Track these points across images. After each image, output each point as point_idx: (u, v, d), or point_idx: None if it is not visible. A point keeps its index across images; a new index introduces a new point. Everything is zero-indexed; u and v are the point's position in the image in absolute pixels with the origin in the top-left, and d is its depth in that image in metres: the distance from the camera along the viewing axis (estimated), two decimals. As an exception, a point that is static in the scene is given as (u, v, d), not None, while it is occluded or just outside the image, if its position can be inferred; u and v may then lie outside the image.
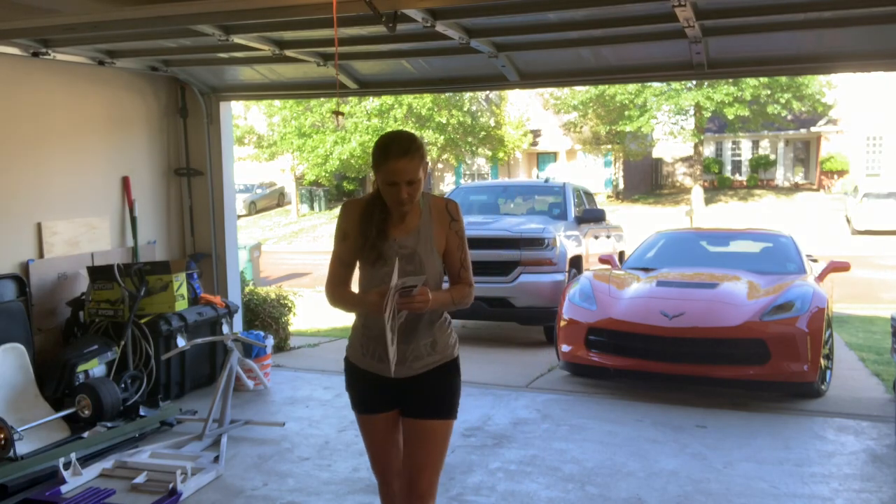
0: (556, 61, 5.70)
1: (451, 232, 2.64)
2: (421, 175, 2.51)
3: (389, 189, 2.49)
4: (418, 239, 2.59)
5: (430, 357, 2.63)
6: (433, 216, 2.63)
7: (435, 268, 2.61)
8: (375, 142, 2.54)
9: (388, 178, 2.47)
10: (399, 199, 2.49)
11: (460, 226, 2.67)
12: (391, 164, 2.45)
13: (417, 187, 2.51)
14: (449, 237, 2.64)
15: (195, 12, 4.16)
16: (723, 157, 33.72)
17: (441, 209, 2.65)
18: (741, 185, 32.72)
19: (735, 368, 5.67)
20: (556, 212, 9.49)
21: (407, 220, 2.60)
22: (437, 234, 2.61)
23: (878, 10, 4.35)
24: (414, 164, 2.47)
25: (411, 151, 2.47)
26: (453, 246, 2.65)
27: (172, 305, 5.61)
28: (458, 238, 2.65)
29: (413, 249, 2.57)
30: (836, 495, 3.98)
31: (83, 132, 5.86)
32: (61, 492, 3.99)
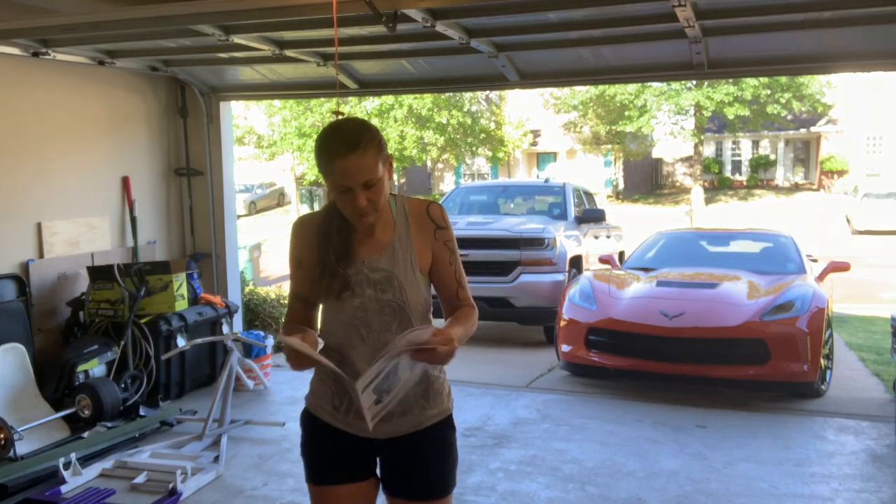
0: (556, 61, 5.70)
1: (438, 243, 2.04)
2: (382, 173, 1.91)
3: (343, 197, 1.90)
4: (394, 257, 1.99)
5: (421, 412, 2.03)
6: (412, 225, 2.03)
7: (419, 293, 2.01)
8: (317, 136, 1.93)
9: (337, 184, 1.88)
10: (357, 209, 1.90)
11: (449, 234, 2.06)
12: (338, 165, 1.85)
13: (379, 189, 1.90)
14: (436, 250, 2.04)
15: (195, 12, 4.16)
16: (723, 157, 33.72)
17: (421, 215, 2.05)
18: (741, 185, 32.72)
19: (735, 368, 5.67)
20: (556, 212, 9.49)
21: (377, 233, 2.01)
22: (419, 247, 2.02)
23: (878, 10, 4.35)
24: (368, 158, 1.86)
25: (363, 143, 1.86)
26: (443, 260, 2.05)
27: (172, 305, 5.61)
28: (447, 250, 2.05)
29: (388, 272, 1.98)
30: (836, 495, 3.98)
31: (83, 132, 5.86)
32: (61, 492, 3.99)
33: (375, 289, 1.98)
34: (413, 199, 2.11)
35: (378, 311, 1.98)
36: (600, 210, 10.17)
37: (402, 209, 2.06)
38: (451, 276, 2.08)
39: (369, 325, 1.98)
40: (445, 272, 2.07)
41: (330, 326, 2.04)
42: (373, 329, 1.98)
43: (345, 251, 2.00)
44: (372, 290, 1.98)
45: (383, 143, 1.94)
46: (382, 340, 1.94)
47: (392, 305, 1.98)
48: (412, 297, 2.00)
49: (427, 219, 2.06)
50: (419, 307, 2.02)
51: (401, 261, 2.00)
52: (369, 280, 1.99)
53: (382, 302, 1.98)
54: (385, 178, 1.94)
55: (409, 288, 1.99)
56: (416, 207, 2.08)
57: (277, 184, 34.42)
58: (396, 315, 1.99)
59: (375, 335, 1.98)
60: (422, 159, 29.12)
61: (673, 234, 8.45)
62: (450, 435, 2.11)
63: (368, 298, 1.98)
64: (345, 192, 1.89)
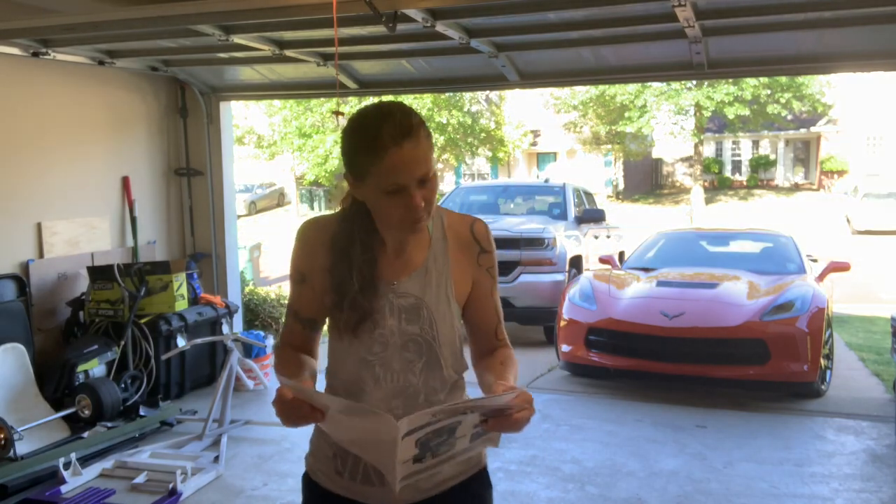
0: (556, 61, 5.70)
1: (481, 270, 1.68)
2: (433, 169, 1.54)
3: (391, 200, 1.51)
4: (426, 282, 1.62)
5: (450, 467, 1.60)
6: (451, 244, 1.66)
7: (452, 327, 1.64)
8: (348, 126, 1.55)
9: (388, 182, 1.48)
10: (413, 212, 1.51)
11: (493, 259, 1.71)
12: (391, 157, 1.46)
13: (434, 187, 1.54)
14: (477, 277, 1.68)
15: (195, 12, 4.16)
16: (723, 157, 33.72)
17: (463, 233, 1.68)
18: (741, 185, 32.71)
19: (735, 368, 5.67)
20: (556, 212, 9.49)
21: (408, 249, 1.63)
22: (458, 272, 1.65)
23: (878, 10, 4.35)
24: (423, 147, 1.50)
25: (416, 128, 1.50)
26: (484, 291, 1.69)
27: (172, 305, 5.61)
28: (490, 279, 1.70)
29: (418, 299, 1.61)
30: (836, 495, 3.98)
31: (83, 132, 5.86)
32: (61, 492, 3.99)
33: (400, 318, 1.60)
34: (453, 214, 1.72)
35: (401, 346, 1.60)
36: (600, 210, 10.18)
37: (440, 223, 1.68)
38: (492, 309, 1.71)
39: (387, 364, 1.60)
40: (485, 305, 1.70)
41: (337, 363, 1.65)
42: (391, 369, 1.60)
43: (371, 278, 1.60)
44: (395, 319, 1.60)
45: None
46: (402, 383, 1.59)
47: (418, 340, 1.60)
48: (444, 332, 1.62)
49: (471, 239, 1.68)
50: (451, 344, 1.64)
51: (434, 286, 1.62)
52: (393, 307, 1.60)
53: (407, 335, 1.60)
54: (437, 179, 1.59)
55: (440, 320, 1.62)
56: (457, 223, 1.69)
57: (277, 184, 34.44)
58: (423, 352, 1.61)
59: (394, 376, 1.60)
60: (422, 159, 29.12)
61: (673, 234, 8.45)
62: (486, 494, 1.74)
63: (390, 330, 1.60)
64: (395, 192, 1.49)
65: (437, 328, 1.62)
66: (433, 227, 1.67)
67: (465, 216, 1.73)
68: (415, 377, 1.61)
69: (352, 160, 1.55)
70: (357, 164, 1.53)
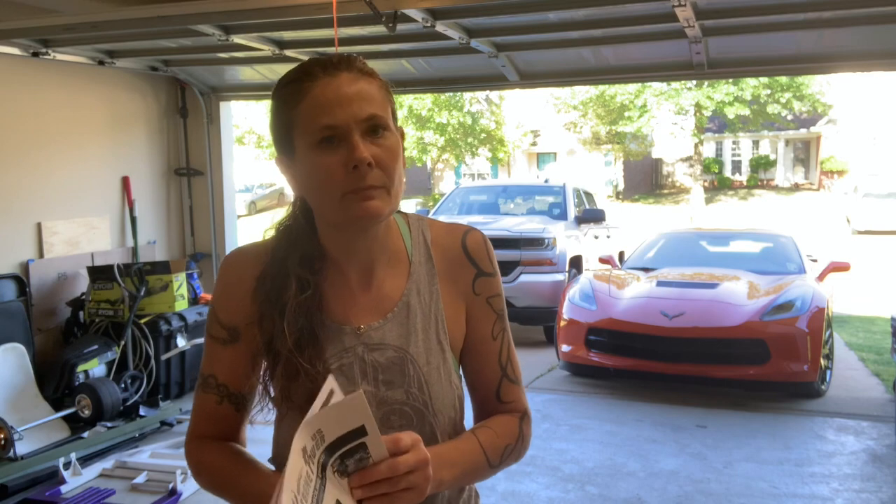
0: (556, 61, 5.71)
1: (478, 300, 1.23)
2: (393, 127, 1.13)
3: (326, 159, 1.08)
4: (408, 324, 1.18)
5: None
6: (438, 266, 1.22)
7: (450, 386, 1.20)
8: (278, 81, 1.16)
9: (319, 122, 1.08)
10: (357, 175, 1.07)
11: (496, 284, 1.25)
12: (323, 86, 1.09)
13: (392, 149, 1.11)
14: (472, 312, 1.23)
15: (195, 12, 4.16)
16: (723, 157, 33.72)
17: (452, 250, 1.23)
18: (741, 185, 32.71)
19: (735, 368, 5.67)
20: (556, 212, 9.49)
21: (379, 279, 1.19)
22: (451, 306, 1.21)
23: (878, 10, 4.35)
24: (371, 86, 1.11)
25: (359, 65, 1.13)
26: (481, 332, 1.23)
27: (172, 305, 5.61)
28: (490, 313, 1.24)
29: (399, 350, 1.17)
30: (836, 495, 3.97)
31: (83, 132, 5.85)
32: (61, 492, 3.98)
33: (377, 381, 1.15)
34: (438, 224, 1.26)
35: (380, 419, 1.11)
36: (600, 210, 10.18)
37: (422, 240, 1.23)
38: (494, 356, 1.23)
39: None
40: (484, 352, 1.23)
41: (286, 449, 0.98)
42: None
43: (310, 326, 1.13)
44: (370, 383, 1.15)
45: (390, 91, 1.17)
46: None
47: (404, 410, 1.16)
48: (439, 395, 1.17)
49: (462, 256, 1.22)
50: (450, 410, 1.20)
51: (420, 330, 1.17)
52: (365, 365, 1.15)
53: (388, 405, 1.15)
54: (399, 147, 1.13)
55: (433, 378, 1.17)
56: (443, 236, 1.24)
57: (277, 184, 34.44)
58: (413, 426, 1.14)
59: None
60: (422, 160, 29.14)
61: (673, 234, 8.45)
62: None
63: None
64: (329, 144, 1.08)
65: (430, 390, 1.16)
66: (413, 244, 1.22)
67: (453, 226, 1.26)
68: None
69: (277, 125, 1.14)
70: (283, 125, 1.13)
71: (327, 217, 1.15)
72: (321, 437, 0.96)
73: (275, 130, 1.16)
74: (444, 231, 1.26)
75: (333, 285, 1.18)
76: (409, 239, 1.23)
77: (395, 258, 1.21)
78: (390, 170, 1.10)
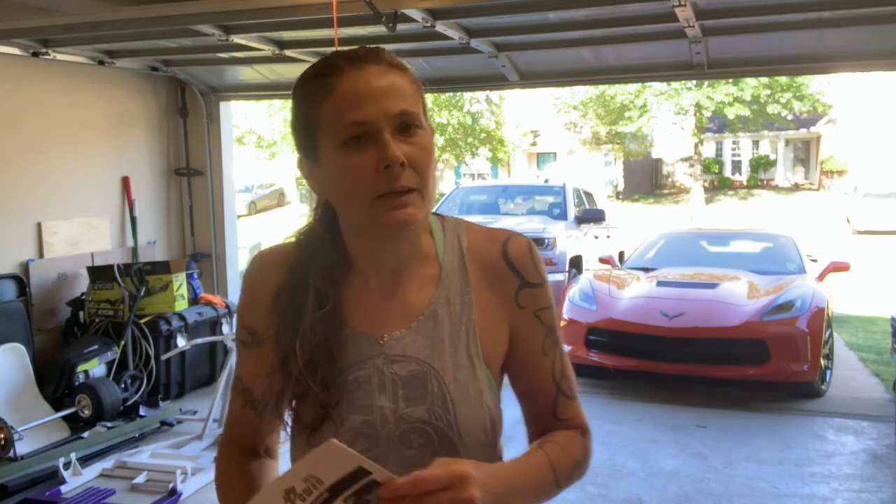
0: (556, 61, 5.71)
1: (524, 314, 1.12)
2: (423, 121, 1.04)
3: (355, 161, 0.99)
4: (434, 335, 1.08)
5: None
6: (473, 275, 1.11)
7: (477, 407, 1.08)
8: (294, 87, 1.07)
9: (347, 119, 0.99)
10: (390, 177, 0.98)
11: (544, 296, 1.14)
12: (352, 78, 1.00)
13: (426, 149, 1.02)
14: (518, 326, 1.13)
15: (195, 12, 4.16)
16: (723, 157, 33.73)
17: (491, 258, 1.12)
18: (741, 185, 32.72)
19: (735, 368, 5.67)
20: (556, 212, 9.50)
21: (404, 286, 1.10)
22: (487, 319, 1.10)
23: (878, 10, 4.36)
24: (402, 80, 1.05)
25: (390, 58, 1.06)
26: (531, 346, 1.14)
27: (172, 305, 5.61)
28: (540, 327, 1.13)
29: (422, 363, 1.07)
30: (836, 495, 3.97)
31: (83, 132, 5.86)
32: (61, 492, 3.98)
33: (396, 396, 1.05)
34: (477, 228, 1.16)
35: (398, 439, 1.05)
36: (600, 210, 10.18)
37: (456, 244, 1.12)
38: (546, 373, 1.15)
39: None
40: (535, 369, 1.15)
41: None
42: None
43: (326, 344, 1.05)
44: (389, 398, 1.05)
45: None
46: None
47: (425, 430, 1.05)
48: (466, 415, 1.06)
49: (503, 266, 1.11)
50: (478, 434, 1.08)
51: (448, 343, 1.07)
52: (384, 377, 1.06)
53: (407, 422, 1.05)
54: (431, 147, 1.04)
55: (460, 396, 1.06)
56: (481, 242, 1.13)
57: (277, 184, 34.44)
58: (433, 449, 1.04)
59: None
60: (422, 159, 29.14)
61: (673, 234, 8.45)
62: None
63: (381, 414, 1.05)
64: (358, 143, 0.99)
65: (455, 409, 1.05)
66: (446, 249, 1.11)
67: (494, 231, 1.15)
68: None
69: (299, 124, 1.06)
70: (306, 124, 1.04)
71: (355, 223, 1.06)
72: (316, 480, 0.90)
73: (297, 130, 1.07)
74: (484, 236, 1.14)
75: (355, 291, 1.09)
76: (441, 243, 1.12)
77: (424, 263, 1.10)
78: (424, 170, 1.01)
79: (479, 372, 1.08)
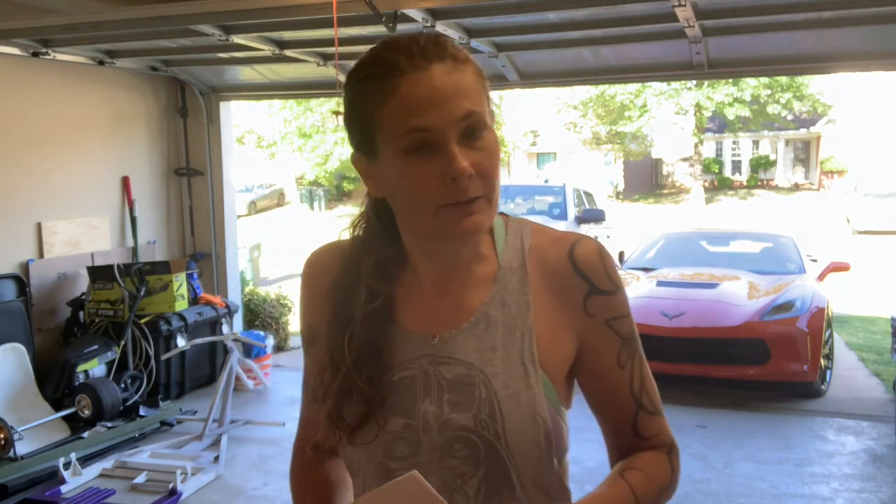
0: (556, 61, 5.70)
1: (594, 323, 1.05)
2: (489, 121, 0.97)
3: (416, 168, 0.93)
4: (485, 338, 1.01)
5: None
6: (533, 278, 1.04)
7: (529, 418, 0.99)
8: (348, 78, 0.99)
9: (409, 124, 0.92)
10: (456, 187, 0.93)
11: (618, 304, 1.07)
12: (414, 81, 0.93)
13: (493, 153, 0.96)
14: (587, 338, 1.06)
15: (195, 12, 4.16)
16: (723, 157, 33.73)
17: (556, 262, 1.04)
18: (741, 185, 32.72)
19: (735, 368, 5.67)
20: (556, 212, 9.50)
21: (458, 285, 1.04)
22: (548, 325, 1.03)
23: (878, 10, 4.35)
24: (468, 78, 0.96)
25: (457, 53, 0.96)
26: (605, 360, 1.08)
27: (172, 305, 5.62)
28: (614, 337, 1.07)
29: (470, 367, 1.00)
30: (836, 495, 3.98)
31: (83, 132, 5.86)
32: (61, 492, 3.99)
33: (441, 400, 0.99)
34: (543, 230, 1.09)
35: (441, 447, 0.98)
36: (600, 210, 10.20)
37: (519, 243, 1.06)
38: (624, 387, 1.09)
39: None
40: (610, 382, 1.08)
41: (351, 472, 1.09)
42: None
43: (375, 341, 1.02)
44: (433, 402, 0.99)
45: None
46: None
47: (471, 440, 0.98)
48: (516, 426, 0.98)
49: (569, 270, 1.03)
50: (531, 448, 0.99)
51: (500, 347, 1.00)
52: (430, 379, 1.00)
53: (452, 429, 0.98)
54: (498, 142, 0.98)
55: (510, 405, 0.98)
56: (547, 245, 1.06)
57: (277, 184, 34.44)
58: (479, 460, 0.98)
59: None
60: (422, 159, 29.16)
61: (673, 234, 8.45)
62: None
63: (424, 420, 0.99)
64: (420, 150, 0.93)
65: (504, 419, 0.97)
66: (505, 246, 1.05)
67: (562, 234, 1.08)
68: (466, 502, 0.98)
69: (355, 122, 0.99)
70: (362, 125, 0.97)
71: (415, 227, 1.01)
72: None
73: (352, 127, 1.00)
74: (550, 239, 1.07)
75: (408, 288, 1.05)
76: (502, 243, 1.06)
77: (482, 262, 1.05)
78: (491, 176, 0.96)
79: (535, 381, 0.99)
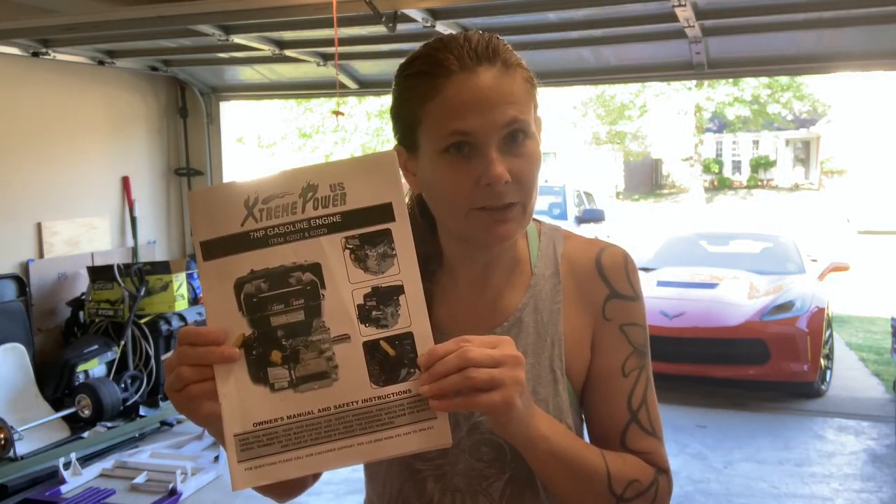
0: (556, 61, 5.70)
1: (607, 327, 1.06)
2: (533, 128, 0.98)
3: (453, 170, 0.94)
4: (517, 341, 1.01)
5: None
6: (565, 284, 1.06)
7: (561, 420, 1.01)
8: (398, 71, 1.01)
9: (449, 126, 0.93)
10: (491, 193, 0.93)
11: (634, 310, 1.10)
12: (459, 82, 0.93)
13: (533, 159, 0.96)
14: (601, 337, 1.06)
15: (195, 12, 4.16)
16: (723, 157, 33.74)
17: (584, 266, 1.07)
18: (741, 185, 32.73)
19: (735, 368, 5.67)
20: (556, 212, 9.50)
21: (493, 288, 1.06)
22: (574, 331, 1.05)
23: (878, 10, 4.35)
24: (515, 84, 0.98)
25: (506, 57, 1.00)
26: (611, 363, 1.06)
27: (172, 305, 5.61)
28: (625, 343, 1.07)
29: None
30: (836, 495, 3.98)
31: (83, 132, 5.85)
32: (61, 492, 3.99)
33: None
34: (575, 237, 1.11)
35: (470, 449, 1.02)
36: (600, 210, 10.20)
37: (552, 250, 1.08)
38: (621, 397, 1.06)
39: (447, 478, 1.02)
40: (609, 387, 1.06)
41: (373, 473, 1.09)
42: (451, 486, 1.02)
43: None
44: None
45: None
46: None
47: (499, 443, 1.00)
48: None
49: (594, 274, 1.06)
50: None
51: (531, 352, 1.02)
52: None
53: (480, 432, 1.01)
54: (540, 150, 0.98)
55: (538, 409, 0.96)
56: (577, 251, 1.08)
57: (277, 184, 34.41)
58: (506, 462, 1.01)
59: (456, 498, 1.02)
60: (422, 159, 29.17)
61: (673, 234, 8.45)
62: None
63: (454, 421, 0.97)
64: (458, 151, 0.93)
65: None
66: (539, 253, 1.07)
67: (592, 241, 1.11)
68: (492, 502, 1.00)
69: (400, 115, 1.00)
70: (407, 119, 0.98)
71: (449, 227, 1.02)
72: (342, 194, 0.84)
73: (396, 119, 1.01)
74: (580, 245, 1.09)
75: (443, 287, 1.06)
76: (535, 248, 1.08)
77: (516, 268, 1.06)
78: (528, 183, 0.96)
79: (562, 388, 1.02)
